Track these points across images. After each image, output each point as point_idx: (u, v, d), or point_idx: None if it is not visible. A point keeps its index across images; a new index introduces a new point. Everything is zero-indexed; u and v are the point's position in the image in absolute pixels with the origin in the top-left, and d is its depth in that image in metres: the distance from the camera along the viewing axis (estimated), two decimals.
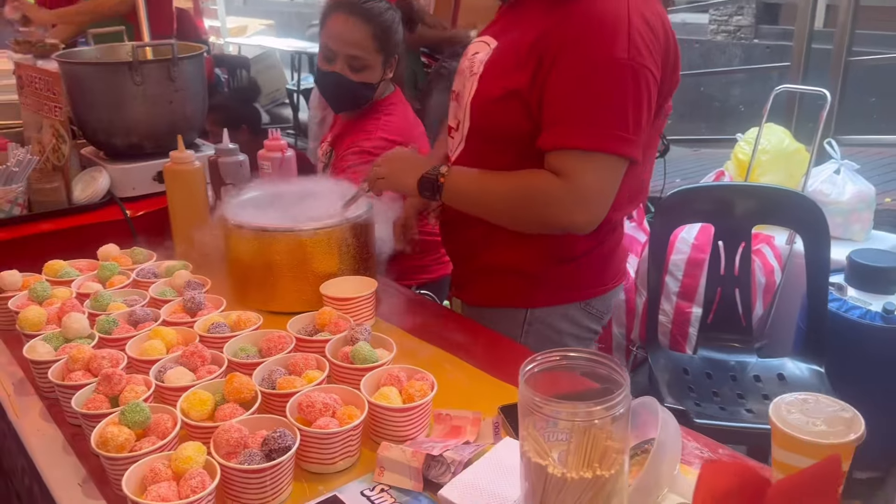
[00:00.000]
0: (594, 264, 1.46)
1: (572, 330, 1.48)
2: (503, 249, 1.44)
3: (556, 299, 1.46)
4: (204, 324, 1.30)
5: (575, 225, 1.30)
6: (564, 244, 1.41)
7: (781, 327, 2.58)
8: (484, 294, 1.52)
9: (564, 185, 1.26)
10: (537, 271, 1.44)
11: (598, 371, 0.83)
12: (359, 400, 1.08)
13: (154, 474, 0.93)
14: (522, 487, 0.85)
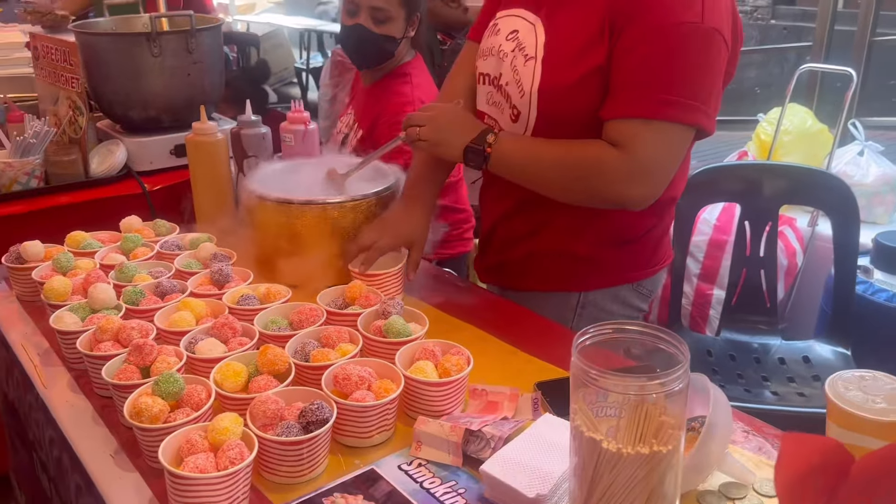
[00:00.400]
0: (650, 245, 1.42)
1: (622, 311, 1.44)
2: (559, 234, 1.38)
3: (610, 281, 1.41)
4: (233, 296, 1.28)
5: (629, 199, 1.24)
6: (625, 227, 1.36)
7: (803, 310, 2.55)
8: (534, 279, 1.45)
9: (621, 156, 1.19)
10: (594, 255, 1.38)
11: (655, 345, 0.80)
12: (394, 374, 1.06)
13: (190, 445, 0.91)
14: (571, 463, 0.83)
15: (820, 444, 0.55)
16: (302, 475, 0.96)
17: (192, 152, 1.68)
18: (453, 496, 0.93)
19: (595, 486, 0.80)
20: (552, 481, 0.88)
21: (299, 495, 0.93)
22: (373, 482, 0.95)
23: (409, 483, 0.95)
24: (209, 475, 0.86)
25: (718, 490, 0.92)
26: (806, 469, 0.54)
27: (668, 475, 0.78)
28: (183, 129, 2.20)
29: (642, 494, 0.78)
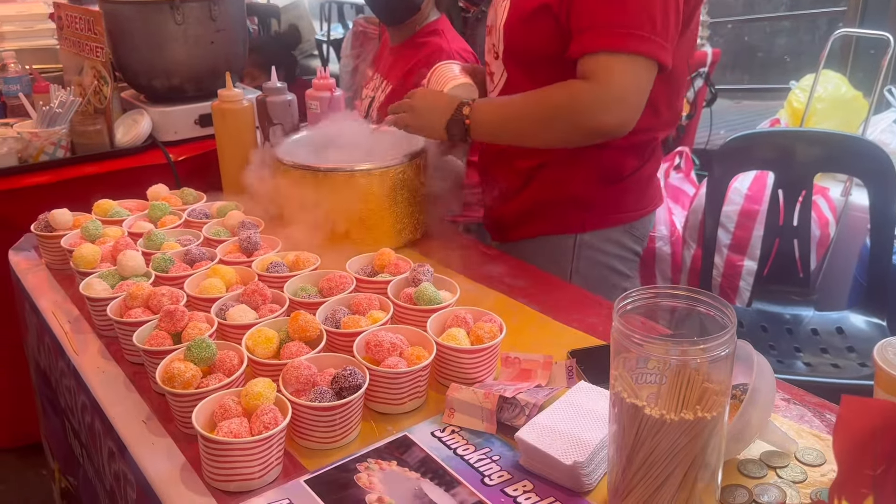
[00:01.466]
0: (638, 186, 1.49)
1: (619, 252, 1.52)
2: (551, 178, 1.46)
3: (604, 223, 1.49)
4: (262, 263, 1.27)
5: (607, 126, 1.28)
6: (612, 167, 1.44)
7: (835, 281, 2.50)
8: (532, 226, 1.51)
9: (591, 87, 1.26)
10: (586, 195, 1.46)
11: (698, 309, 0.78)
12: (426, 341, 1.05)
13: (224, 410, 0.90)
14: (610, 430, 0.81)
15: (880, 407, 0.53)
16: (334, 441, 0.95)
17: (217, 120, 1.67)
18: (487, 463, 0.91)
19: (635, 453, 0.78)
20: (589, 449, 0.87)
21: (332, 461, 0.92)
22: (406, 448, 0.94)
23: (443, 449, 0.94)
24: (244, 440, 0.85)
25: (759, 458, 0.90)
26: (866, 433, 0.52)
27: (711, 443, 0.76)
28: (207, 98, 2.18)
29: (684, 462, 0.76)
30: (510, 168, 1.50)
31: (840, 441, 0.52)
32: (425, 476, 0.89)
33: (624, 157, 1.44)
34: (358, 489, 0.88)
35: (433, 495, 0.87)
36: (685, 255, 2.73)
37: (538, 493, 0.87)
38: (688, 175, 2.96)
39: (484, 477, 0.89)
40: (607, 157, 1.42)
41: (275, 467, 0.90)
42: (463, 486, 0.88)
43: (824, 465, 0.88)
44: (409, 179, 1.48)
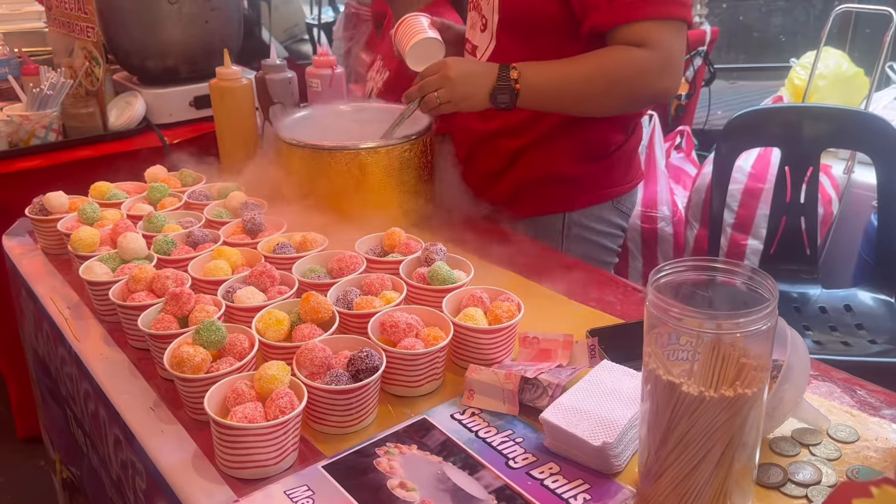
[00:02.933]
0: (623, 161, 1.50)
1: (607, 229, 1.53)
2: (537, 157, 1.45)
3: (591, 200, 1.49)
4: (268, 244, 1.23)
5: (664, 92, 1.32)
6: (598, 142, 1.45)
7: (839, 259, 2.48)
8: (520, 207, 1.49)
9: (651, 54, 1.27)
10: (573, 172, 1.45)
11: (736, 282, 0.75)
12: (442, 321, 1.01)
13: (237, 395, 0.87)
14: (643, 409, 0.78)
15: None
16: (351, 425, 0.92)
17: (216, 99, 1.62)
18: (511, 445, 0.88)
19: (670, 432, 0.75)
20: (618, 429, 0.84)
21: (350, 445, 0.89)
22: (426, 431, 0.91)
23: (464, 432, 0.91)
24: (259, 425, 0.82)
25: (791, 436, 0.88)
26: None
27: (749, 421, 0.73)
28: (202, 79, 2.14)
29: (722, 441, 0.73)
30: (495, 150, 1.49)
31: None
32: (447, 460, 0.86)
33: (610, 132, 1.44)
34: (378, 474, 0.84)
35: (457, 479, 0.84)
36: (688, 235, 2.71)
37: (565, 475, 0.84)
38: (689, 155, 2.93)
39: (508, 460, 0.86)
40: (593, 133, 1.42)
41: (291, 453, 0.87)
42: (487, 470, 0.85)
43: (857, 441, 0.86)
44: (415, 158, 1.44)
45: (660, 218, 2.70)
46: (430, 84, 1.33)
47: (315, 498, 0.82)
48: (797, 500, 0.79)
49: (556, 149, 1.44)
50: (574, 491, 0.82)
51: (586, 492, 0.82)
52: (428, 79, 1.34)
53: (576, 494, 0.81)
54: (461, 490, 0.82)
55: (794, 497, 0.79)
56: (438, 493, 0.81)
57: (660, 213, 2.70)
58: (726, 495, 0.75)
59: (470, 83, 1.31)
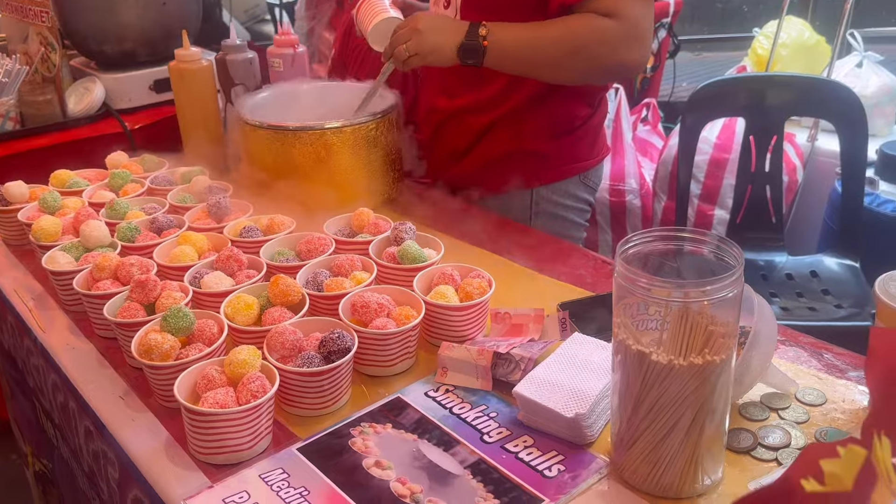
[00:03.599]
0: (589, 135, 1.50)
1: (574, 203, 1.54)
2: (505, 133, 1.44)
3: (559, 175, 1.49)
4: (234, 228, 1.22)
5: (630, 63, 1.30)
6: (564, 117, 1.44)
7: (804, 226, 2.52)
8: (487, 184, 1.48)
9: (619, 24, 1.26)
10: (540, 148, 1.45)
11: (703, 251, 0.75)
12: (413, 300, 1.01)
13: (207, 381, 0.86)
14: (614, 379, 0.79)
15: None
16: (325, 406, 0.91)
17: (176, 81, 1.59)
18: (485, 420, 0.89)
19: (641, 401, 0.76)
20: (590, 400, 0.84)
21: (325, 427, 0.89)
22: (400, 410, 0.91)
23: (438, 409, 0.91)
24: (231, 410, 0.81)
25: (760, 401, 0.89)
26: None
27: (719, 387, 0.74)
28: (161, 62, 2.09)
29: (692, 408, 0.74)
30: (461, 127, 1.48)
31: (872, 375, 0.50)
32: (422, 437, 0.87)
33: (576, 106, 1.44)
34: (353, 454, 0.84)
35: (432, 456, 0.84)
36: (655, 208, 2.73)
37: (539, 447, 0.85)
38: (655, 127, 2.95)
39: (483, 435, 0.87)
40: (559, 108, 1.42)
41: (265, 437, 0.86)
42: (462, 445, 0.85)
43: (825, 404, 0.88)
44: (381, 136, 1.43)
45: (627, 191, 2.72)
46: (400, 37, 1.32)
47: (290, 480, 0.81)
48: (767, 464, 0.80)
49: (523, 125, 1.44)
50: (548, 462, 0.82)
51: (560, 463, 0.82)
52: (398, 33, 1.33)
53: (550, 466, 0.82)
54: (437, 466, 0.82)
55: (764, 461, 0.81)
56: (414, 471, 0.82)
57: (627, 186, 2.71)
58: (698, 461, 0.76)
59: (439, 36, 1.30)
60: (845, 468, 0.45)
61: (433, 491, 0.79)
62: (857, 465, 0.44)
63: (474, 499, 0.78)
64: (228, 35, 1.64)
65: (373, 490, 0.79)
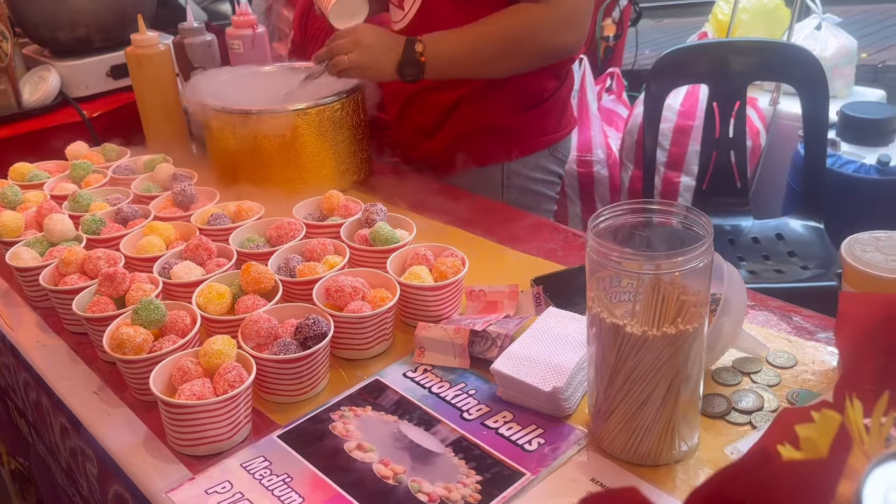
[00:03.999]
0: (557, 107, 1.51)
1: (544, 176, 1.55)
2: (472, 109, 1.44)
3: (528, 149, 1.50)
4: (202, 216, 1.20)
5: (568, 45, 1.34)
6: (531, 91, 1.45)
7: (768, 189, 2.56)
8: (458, 161, 1.48)
9: (551, 10, 1.28)
10: (509, 123, 1.46)
11: (673, 222, 0.76)
12: (387, 282, 1.01)
13: (183, 373, 0.85)
14: (589, 352, 0.80)
15: (880, 301, 0.52)
16: (304, 392, 0.91)
17: (133, 67, 1.55)
18: (464, 398, 0.89)
19: (617, 373, 0.77)
20: (567, 373, 0.85)
21: (304, 413, 0.89)
22: (379, 392, 0.91)
23: (417, 389, 0.91)
24: (209, 401, 0.81)
25: (732, 366, 0.91)
26: (867, 327, 0.51)
27: (692, 355, 0.75)
28: (117, 48, 2.03)
29: (667, 376, 0.75)
30: (428, 104, 1.47)
31: (842, 339, 0.51)
32: (403, 418, 0.87)
33: (543, 79, 1.45)
34: (335, 438, 0.85)
35: (413, 436, 0.84)
36: (623, 177, 2.75)
37: (519, 422, 0.85)
38: (620, 96, 2.96)
39: (462, 412, 0.87)
40: (527, 81, 1.42)
41: (244, 426, 0.86)
42: (443, 424, 0.86)
43: (796, 366, 0.90)
44: (347, 117, 1.41)
45: (595, 161, 2.73)
46: (340, 47, 1.33)
47: (272, 468, 0.81)
48: (742, 427, 0.82)
49: (490, 100, 1.44)
50: (528, 436, 0.83)
51: (540, 436, 0.83)
52: (338, 42, 1.34)
53: (530, 440, 0.83)
54: (418, 446, 0.83)
55: (738, 424, 0.82)
56: (396, 452, 0.82)
57: (595, 157, 2.73)
58: (674, 428, 0.78)
59: (378, 53, 1.32)
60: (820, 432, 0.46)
61: (416, 471, 0.79)
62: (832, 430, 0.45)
63: (457, 476, 0.79)
64: (185, 17, 1.61)
65: (356, 473, 0.80)
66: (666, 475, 0.78)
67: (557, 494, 0.77)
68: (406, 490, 0.77)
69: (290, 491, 0.78)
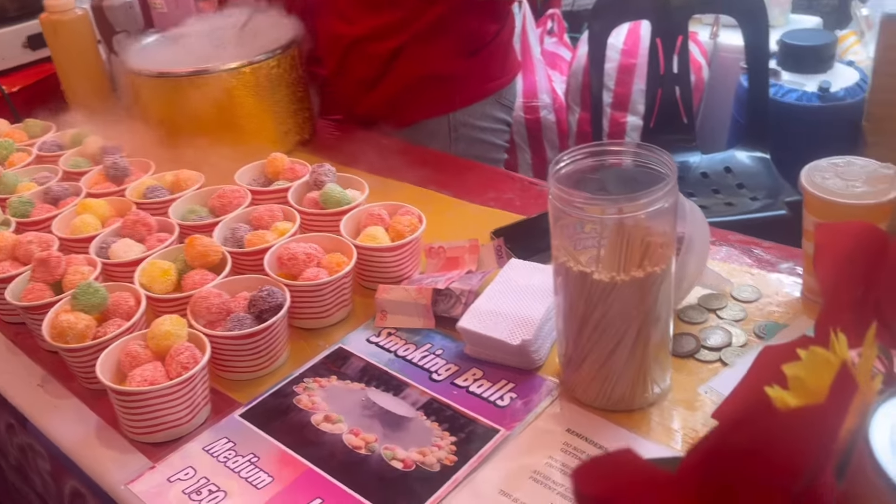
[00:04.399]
0: (499, 52, 1.47)
1: (492, 125, 1.51)
2: (412, 58, 1.39)
3: (473, 97, 1.46)
4: (137, 189, 1.13)
5: None
6: (472, 35, 1.41)
7: (714, 123, 2.57)
8: (402, 115, 1.44)
9: None
10: (451, 70, 1.41)
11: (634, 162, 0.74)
12: (343, 245, 0.96)
13: (132, 358, 0.80)
14: (557, 302, 0.78)
15: (854, 229, 0.50)
16: (263, 368, 0.87)
17: (50, 36, 1.44)
18: (432, 359, 0.87)
19: (587, 321, 0.75)
20: (534, 325, 0.83)
21: (266, 388, 0.85)
22: (343, 360, 0.88)
23: (382, 354, 0.88)
24: (162, 386, 0.76)
25: (698, 304, 0.90)
26: (844, 256, 0.49)
27: (661, 296, 0.74)
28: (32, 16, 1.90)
29: (637, 320, 0.74)
30: (366, 55, 1.41)
31: (822, 271, 0.50)
32: (370, 385, 0.84)
33: (482, 23, 1.41)
34: (300, 412, 0.81)
35: (382, 402, 0.82)
36: (570, 120, 2.72)
37: (489, 378, 0.83)
38: (561, 38, 2.91)
39: (431, 373, 0.85)
40: (466, 26, 1.38)
41: (203, 408, 0.82)
42: (412, 387, 0.83)
43: (760, 299, 0.89)
44: (285, 73, 1.34)
45: (541, 107, 2.70)
46: None
47: (237, 448, 0.78)
48: (712, 365, 0.81)
49: (431, 47, 1.38)
50: (500, 392, 0.81)
51: (512, 391, 0.82)
52: None
53: (502, 395, 0.81)
54: (388, 412, 0.80)
55: (708, 362, 0.82)
56: (366, 420, 0.79)
57: (541, 102, 2.69)
58: (646, 371, 0.77)
59: None
60: (808, 371, 0.44)
61: (388, 438, 0.77)
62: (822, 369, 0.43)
63: (430, 439, 0.76)
64: None
65: (326, 446, 0.77)
66: (641, 419, 0.77)
67: (534, 447, 0.75)
68: (379, 458, 0.75)
69: (258, 471, 0.75)
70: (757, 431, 0.34)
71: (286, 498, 0.71)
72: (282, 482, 0.73)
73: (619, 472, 0.34)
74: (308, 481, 0.73)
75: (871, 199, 0.77)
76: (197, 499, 0.73)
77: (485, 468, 0.73)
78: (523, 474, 0.72)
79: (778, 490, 0.34)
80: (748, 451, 0.34)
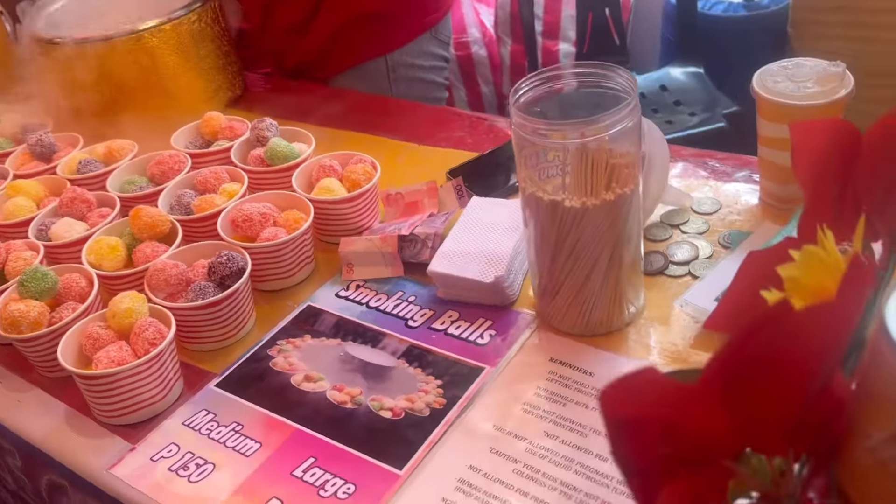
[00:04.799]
0: None
1: (431, 62, 1.47)
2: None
3: (409, 34, 1.41)
4: (68, 165, 1.07)
5: None
6: None
7: (644, 43, 2.57)
8: (335, 60, 1.39)
9: None
10: (383, 8, 1.36)
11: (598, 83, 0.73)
12: (298, 201, 0.93)
13: (93, 340, 0.76)
14: (527, 234, 0.77)
15: (828, 126, 0.50)
16: (231, 335, 0.85)
17: None
18: (406, 306, 0.86)
19: (559, 250, 0.74)
20: (505, 261, 0.83)
21: (239, 355, 0.83)
22: (315, 318, 0.86)
23: (354, 307, 0.87)
24: (131, 365, 0.73)
25: (661, 221, 0.91)
26: (819, 154, 0.50)
27: (630, 217, 0.74)
28: None
29: (609, 243, 0.74)
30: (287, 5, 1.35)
31: (800, 169, 0.50)
32: (346, 339, 0.82)
33: None
34: (279, 374, 0.79)
35: (361, 355, 0.80)
36: (502, 53, 2.68)
37: (465, 319, 0.83)
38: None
39: (407, 321, 0.84)
40: None
41: (176, 383, 0.79)
42: (389, 337, 0.82)
43: (721, 209, 0.90)
44: (208, 27, 1.28)
45: (472, 42, 2.65)
46: None
47: (219, 419, 0.76)
48: (683, 279, 0.82)
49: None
50: (478, 331, 0.81)
51: (490, 328, 0.81)
52: None
53: (481, 333, 0.81)
54: (369, 364, 0.79)
55: (678, 277, 0.83)
56: (347, 375, 0.78)
57: (471, 37, 2.64)
58: (621, 293, 0.77)
59: None
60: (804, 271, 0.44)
61: (373, 389, 0.76)
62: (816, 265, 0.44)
63: (416, 385, 0.76)
64: None
65: (309, 406, 0.75)
66: (619, 339, 0.78)
67: (520, 380, 0.75)
68: (367, 410, 0.74)
69: (245, 438, 0.73)
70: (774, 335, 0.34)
71: (278, 461, 0.70)
72: (270, 446, 0.72)
73: (644, 391, 0.34)
74: (298, 442, 0.72)
75: (823, 99, 0.78)
76: (185, 474, 0.71)
77: (474, 406, 0.73)
78: (513, 407, 0.72)
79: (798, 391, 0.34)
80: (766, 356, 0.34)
